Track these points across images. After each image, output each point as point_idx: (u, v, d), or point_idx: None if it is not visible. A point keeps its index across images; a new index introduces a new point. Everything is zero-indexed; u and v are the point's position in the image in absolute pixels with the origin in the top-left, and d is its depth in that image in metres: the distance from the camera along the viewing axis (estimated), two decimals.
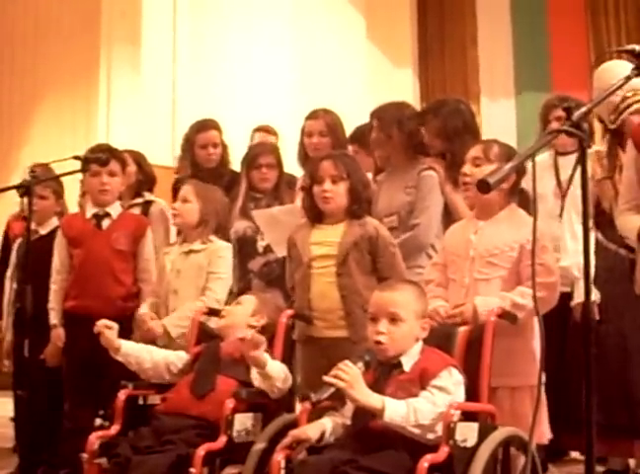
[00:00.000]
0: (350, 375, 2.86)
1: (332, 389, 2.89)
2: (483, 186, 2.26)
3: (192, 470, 3.14)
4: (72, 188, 5.42)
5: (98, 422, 4.41)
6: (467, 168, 3.65)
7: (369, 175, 4.45)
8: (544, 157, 4.79)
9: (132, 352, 3.69)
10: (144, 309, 4.31)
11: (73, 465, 4.23)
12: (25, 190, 3.86)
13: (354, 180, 3.81)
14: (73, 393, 4.48)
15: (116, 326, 3.65)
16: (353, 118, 5.07)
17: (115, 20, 9.72)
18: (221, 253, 4.31)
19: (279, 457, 2.99)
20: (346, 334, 3.71)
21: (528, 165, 2.52)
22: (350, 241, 3.75)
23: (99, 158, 4.37)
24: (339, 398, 3.00)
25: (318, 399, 2.92)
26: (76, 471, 4.14)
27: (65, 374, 4.55)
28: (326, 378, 2.89)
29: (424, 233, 4.17)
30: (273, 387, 3.41)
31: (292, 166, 5.17)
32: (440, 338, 3.21)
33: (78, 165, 4.31)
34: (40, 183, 4.49)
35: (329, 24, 8.47)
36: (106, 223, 4.52)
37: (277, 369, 3.41)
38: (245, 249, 4.61)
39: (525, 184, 3.64)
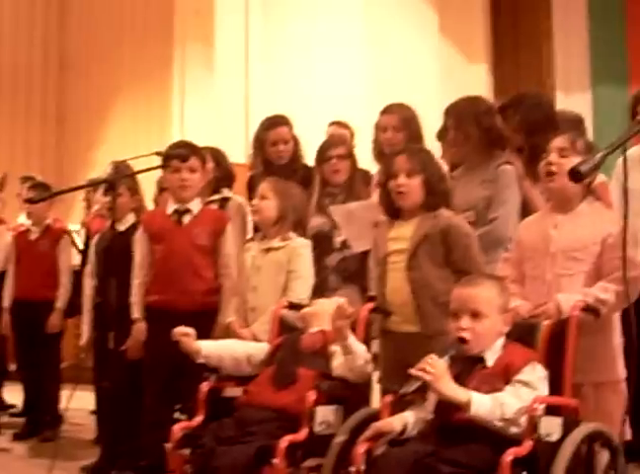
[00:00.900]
0: (436, 369, 2.87)
1: (418, 382, 2.91)
2: (576, 174, 2.25)
3: (274, 461, 3.18)
4: (145, 185, 5.48)
5: (176, 415, 4.49)
6: (553, 157, 3.56)
7: None
8: (633, 151, 4.68)
9: (213, 352, 3.75)
10: (231, 316, 4.36)
11: (153, 457, 4.33)
12: (109, 186, 3.93)
13: (428, 173, 3.80)
14: (154, 386, 4.53)
15: (192, 332, 3.70)
16: (426, 114, 5.04)
17: (188, 19, 9.81)
18: (301, 250, 4.32)
19: (361, 449, 3.02)
20: (418, 328, 3.70)
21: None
22: (420, 234, 3.74)
23: (179, 154, 4.41)
24: (422, 392, 3.01)
25: (405, 392, 2.94)
26: (156, 462, 4.24)
27: (146, 368, 4.60)
28: (413, 372, 2.90)
29: (502, 227, 4.13)
30: (353, 364, 3.43)
31: (367, 162, 5.16)
32: (522, 332, 3.20)
33: (151, 162, 4.38)
34: (124, 179, 4.57)
35: (402, 19, 8.43)
36: (186, 219, 4.55)
37: (359, 347, 3.44)
38: (322, 245, 4.59)
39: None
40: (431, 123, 4.97)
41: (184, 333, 3.70)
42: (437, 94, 7.69)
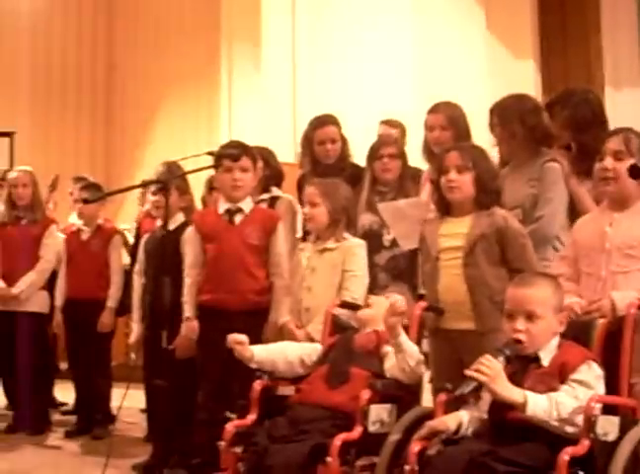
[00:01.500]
0: (492, 370, 2.86)
1: (474, 383, 2.89)
2: (636, 171, 2.23)
3: (328, 459, 3.19)
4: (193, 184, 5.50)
5: (226, 414, 4.50)
6: (609, 162, 3.53)
7: None
8: None
9: (265, 357, 3.76)
10: (285, 316, 4.37)
11: (205, 455, 4.36)
12: (161, 185, 3.95)
13: (480, 170, 3.79)
14: (207, 385, 4.55)
15: (245, 339, 3.71)
16: (473, 111, 5.01)
17: (235, 19, 9.86)
18: (355, 250, 4.32)
19: (415, 448, 3.01)
20: (473, 326, 3.70)
21: None
22: (477, 232, 3.73)
23: (231, 154, 4.42)
24: (477, 391, 3.00)
25: (461, 393, 2.93)
26: (208, 460, 4.27)
27: (199, 366, 4.62)
28: (468, 372, 2.89)
29: (548, 225, 4.11)
30: (405, 365, 3.43)
31: (416, 160, 5.15)
32: (577, 331, 3.18)
33: (199, 162, 4.40)
34: (176, 179, 4.59)
35: (448, 15, 8.40)
36: (238, 218, 4.55)
37: (411, 346, 3.44)
38: (371, 243, 4.56)
39: None
40: (479, 121, 4.94)
41: (237, 341, 3.71)
42: (484, 91, 7.65)
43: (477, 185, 3.78)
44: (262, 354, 3.75)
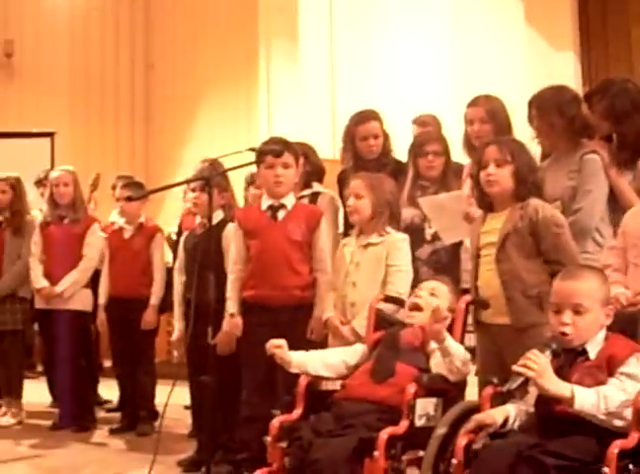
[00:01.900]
0: (539, 364, 2.85)
1: (522, 378, 2.88)
2: None
3: (375, 454, 3.19)
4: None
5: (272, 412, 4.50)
6: None
7: None
8: None
9: (305, 362, 3.74)
10: (330, 311, 4.36)
11: (250, 450, 4.38)
12: (205, 183, 3.96)
13: (519, 163, 3.77)
14: (251, 381, 4.58)
15: (285, 343, 3.70)
16: (513, 104, 4.99)
17: (272, 15, 9.87)
18: (399, 244, 4.31)
19: (462, 442, 3.01)
20: (509, 321, 3.69)
21: None
22: (508, 226, 3.72)
23: (273, 150, 4.43)
24: (524, 385, 2.98)
25: (509, 389, 2.92)
26: (253, 456, 4.29)
27: (244, 362, 4.65)
28: (515, 368, 2.88)
29: (586, 217, 4.08)
30: (452, 366, 3.42)
31: (456, 154, 5.14)
32: (623, 323, 3.14)
33: (238, 158, 4.39)
34: (218, 175, 4.60)
35: (487, 8, 8.36)
36: (281, 214, 4.56)
37: (457, 348, 3.43)
38: (413, 237, 4.55)
39: None
40: (519, 114, 4.91)
41: (276, 345, 3.71)
42: (524, 84, 7.59)
43: (516, 178, 3.76)
44: (301, 359, 3.74)
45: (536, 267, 3.68)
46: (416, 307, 3.72)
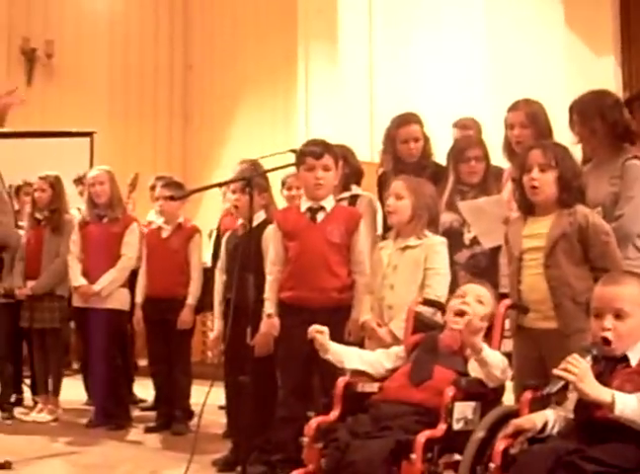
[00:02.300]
0: (579, 369, 2.83)
1: (562, 382, 2.87)
2: None
3: (412, 456, 3.18)
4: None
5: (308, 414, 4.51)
6: None
7: None
8: None
9: (341, 354, 3.77)
10: (367, 314, 4.37)
11: (286, 451, 4.38)
12: (245, 183, 3.97)
13: (563, 168, 3.75)
14: (287, 381, 4.60)
15: (326, 330, 3.72)
16: (552, 109, 4.96)
17: (311, 17, 9.87)
18: (437, 248, 4.30)
19: (500, 446, 2.99)
20: (556, 325, 3.67)
21: None
22: (557, 232, 3.70)
23: (314, 152, 4.43)
24: (564, 390, 2.97)
25: (549, 392, 2.90)
26: (288, 457, 4.29)
27: (279, 363, 4.67)
28: (556, 372, 2.86)
29: (628, 223, 4.05)
30: (490, 375, 3.40)
31: (494, 158, 5.12)
32: None
33: (280, 160, 4.39)
34: (258, 176, 4.60)
35: (526, 11, 8.30)
36: (320, 216, 4.57)
37: (494, 357, 3.41)
38: (451, 241, 4.55)
39: None
40: (558, 119, 4.88)
41: (318, 330, 3.73)
42: (564, 88, 7.54)
43: (560, 183, 3.74)
44: (339, 349, 3.76)
45: (584, 273, 3.67)
46: (462, 313, 3.71)
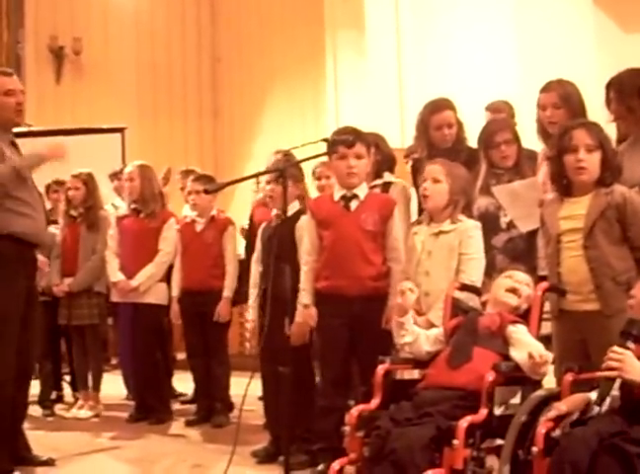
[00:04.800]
0: (620, 361, 2.82)
1: (609, 383, 2.90)
2: None
3: (454, 442, 3.18)
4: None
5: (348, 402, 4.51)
6: None
7: None
8: None
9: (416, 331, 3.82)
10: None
11: (326, 440, 4.39)
12: (279, 174, 3.96)
13: (606, 149, 3.73)
14: (326, 371, 4.59)
15: (417, 291, 3.82)
16: (583, 89, 4.91)
17: (337, 6, 9.87)
18: (471, 232, 4.26)
19: (543, 429, 2.99)
20: (597, 307, 3.65)
21: None
22: (596, 212, 3.67)
23: (345, 140, 4.40)
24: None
25: (602, 398, 2.94)
26: (329, 446, 4.30)
27: (318, 353, 4.67)
28: (600, 374, 2.89)
29: None
30: (535, 372, 3.41)
31: (526, 140, 5.08)
32: None
33: (311, 149, 4.38)
34: (292, 167, 4.60)
35: None
36: (354, 204, 4.55)
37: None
38: (488, 225, 4.51)
39: None
40: (588, 98, 4.84)
41: (411, 288, 3.83)
42: (593, 67, 7.49)
43: (603, 164, 3.72)
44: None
45: (624, 253, 3.66)
46: (514, 290, 3.71)
